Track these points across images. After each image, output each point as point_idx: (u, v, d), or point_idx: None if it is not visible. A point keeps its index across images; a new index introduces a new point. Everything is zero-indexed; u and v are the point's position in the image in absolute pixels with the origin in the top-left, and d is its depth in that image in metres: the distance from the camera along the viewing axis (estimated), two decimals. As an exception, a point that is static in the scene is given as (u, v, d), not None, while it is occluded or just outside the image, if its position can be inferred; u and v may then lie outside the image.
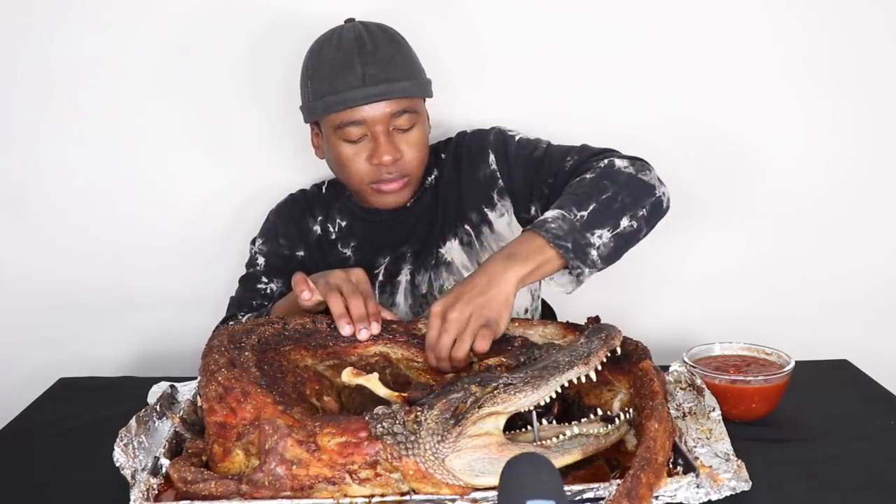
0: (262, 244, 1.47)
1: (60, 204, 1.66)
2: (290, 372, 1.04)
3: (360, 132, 1.30)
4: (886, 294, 1.73)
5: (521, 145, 1.39)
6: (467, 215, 1.41)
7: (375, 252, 1.44)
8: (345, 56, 1.29)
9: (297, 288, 1.13)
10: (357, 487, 0.88)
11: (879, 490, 0.94)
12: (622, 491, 0.84)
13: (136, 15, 1.59)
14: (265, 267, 1.45)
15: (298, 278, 1.14)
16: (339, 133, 1.31)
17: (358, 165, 1.32)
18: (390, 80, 1.29)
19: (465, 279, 1.10)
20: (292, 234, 1.47)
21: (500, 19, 1.61)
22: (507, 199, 1.40)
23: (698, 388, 1.08)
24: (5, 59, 1.60)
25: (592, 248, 1.13)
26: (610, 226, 1.15)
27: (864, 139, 1.68)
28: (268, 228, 1.49)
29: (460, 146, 1.45)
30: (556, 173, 1.32)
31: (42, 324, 1.71)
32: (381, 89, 1.28)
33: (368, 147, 1.31)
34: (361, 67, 1.28)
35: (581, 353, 0.95)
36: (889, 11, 1.62)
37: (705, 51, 1.63)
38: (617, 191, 1.18)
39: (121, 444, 0.96)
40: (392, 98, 1.29)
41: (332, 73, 1.30)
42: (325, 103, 1.30)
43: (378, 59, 1.29)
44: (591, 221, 1.14)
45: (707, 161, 1.68)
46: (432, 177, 1.45)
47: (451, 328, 1.06)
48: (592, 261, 1.13)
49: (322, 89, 1.31)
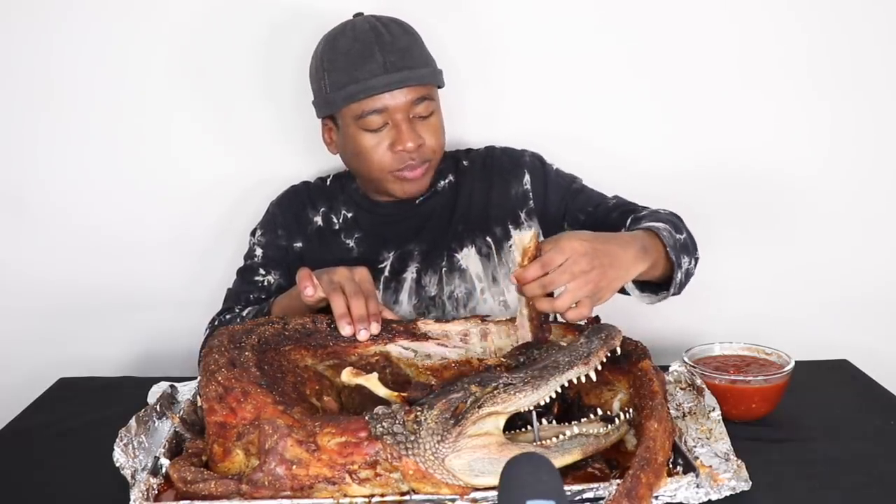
0: (260, 235, 1.48)
1: (60, 204, 1.66)
2: (290, 372, 1.04)
3: (382, 121, 1.31)
4: (886, 294, 1.73)
5: (559, 173, 1.46)
6: (491, 228, 1.43)
7: (380, 245, 1.44)
8: (363, 46, 1.30)
9: (301, 283, 1.14)
10: (357, 487, 0.88)
11: (879, 490, 0.94)
12: (622, 491, 0.84)
13: (136, 15, 1.59)
14: (263, 258, 1.46)
15: (303, 273, 1.15)
16: (359, 123, 1.31)
17: (380, 155, 1.32)
18: (410, 67, 1.31)
19: (602, 238, 1.09)
20: (291, 226, 1.47)
21: (506, 16, 1.61)
22: (534, 220, 1.43)
23: (698, 388, 1.08)
24: (5, 59, 1.60)
25: (680, 270, 1.20)
26: (687, 261, 1.23)
27: (863, 140, 1.68)
28: (267, 220, 1.50)
29: (491, 159, 1.47)
30: (597, 204, 1.40)
31: (42, 324, 1.71)
32: (403, 76, 1.29)
33: (390, 135, 1.32)
34: (382, 56, 1.29)
35: (581, 353, 0.95)
36: (889, 11, 1.62)
37: (704, 51, 1.63)
38: (687, 235, 1.25)
39: (121, 444, 0.96)
40: (413, 85, 1.30)
41: (351, 63, 1.30)
42: (345, 93, 1.30)
43: (396, 48, 1.31)
44: (683, 248, 1.22)
45: (707, 162, 1.68)
46: (446, 181, 1.46)
47: (572, 272, 1.02)
48: (678, 283, 1.20)
49: (341, 80, 1.31)
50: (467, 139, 1.60)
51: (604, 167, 1.57)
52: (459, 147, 1.55)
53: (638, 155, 1.66)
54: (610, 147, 1.65)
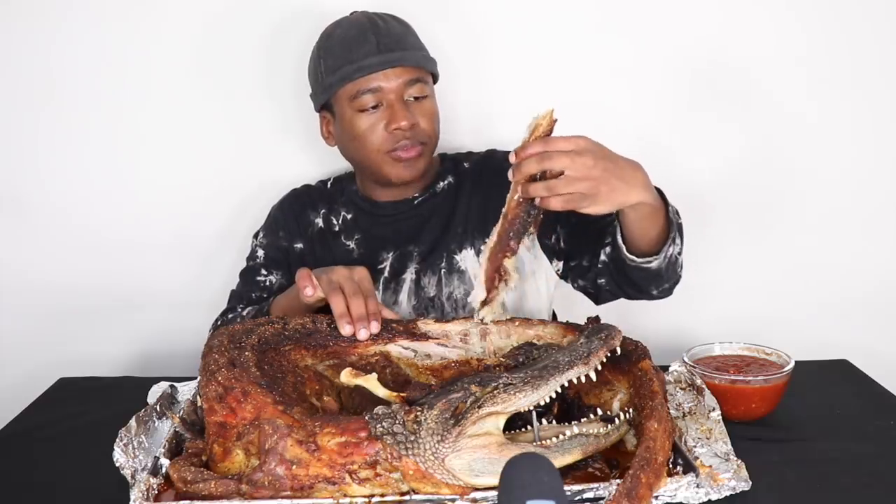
0: (262, 237, 1.50)
1: (60, 204, 1.66)
2: (290, 372, 1.04)
3: (375, 100, 1.33)
4: (886, 294, 1.73)
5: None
6: (490, 230, 1.42)
7: (379, 246, 1.44)
8: (358, 31, 1.34)
9: (301, 283, 1.14)
10: (357, 487, 0.88)
11: (879, 490, 0.94)
12: (622, 491, 0.84)
13: (135, 14, 1.59)
14: (265, 259, 1.47)
15: (303, 273, 1.15)
16: (354, 104, 1.34)
17: (375, 135, 1.34)
18: (404, 48, 1.34)
19: (615, 153, 1.06)
20: (292, 227, 1.48)
21: (501, 15, 1.62)
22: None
23: (698, 388, 1.07)
24: (5, 59, 1.60)
25: (673, 245, 1.19)
26: (679, 250, 1.22)
27: (863, 140, 1.68)
28: (269, 223, 1.51)
29: (491, 161, 1.48)
30: None
31: (42, 324, 1.71)
32: (397, 56, 1.33)
33: (385, 115, 1.34)
34: (375, 38, 1.33)
35: (581, 353, 0.95)
36: (889, 11, 1.62)
37: (703, 51, 1.63)
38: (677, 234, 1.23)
39: (121, 444, 0.96)
40: (407, 65, 1.33)
41: (346, 47, 1.34)
42: (340, 74, 1.33)
43: (390, 32, 1.35)
44: (679, 232, 1.21)
45: (707, 162, 1.68)
46: (445, 182, 1.47)
47: (573, 159, 1.00)
48: (666, 255, 1.18)
49: (336, 63, 1.34)
50: (461, 139, 1.61)
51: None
52: (460, 150, 1.55)
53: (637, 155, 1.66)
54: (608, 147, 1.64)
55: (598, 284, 1.35)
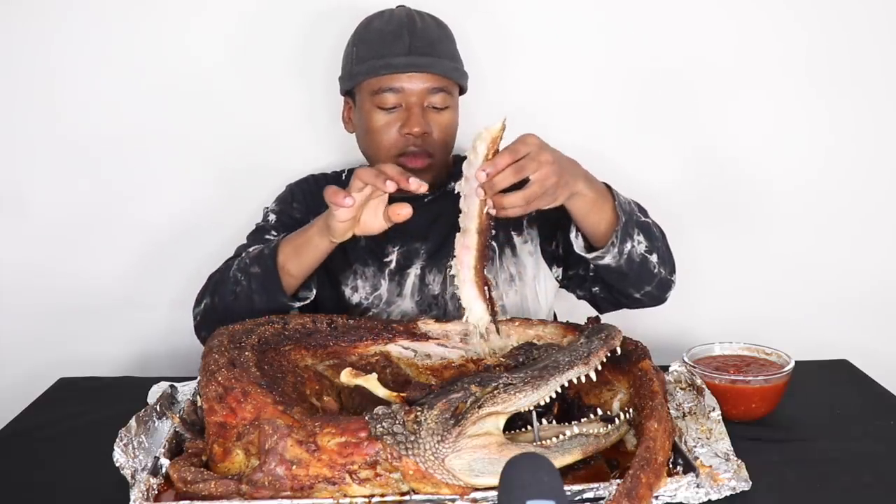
0: (275, 206, 1.49)
1: (60, 204, 1.66)
2: (290, 372, 1.04)
3: (396, 101, 1.34)
4: (886, 294, 1.73)
5: None
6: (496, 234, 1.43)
7: (386, 240, 1.44)
8: (395, 27, 1.35)
9: (336, 198, 1.07)
10: (357, 487, 0.88)
11: (880, 490, 0.94)
12: (622, 491, 0.84)
13: (135, 14, 1.59)
14: (276, 223, 1.45)
15: (331, 189, 1.09)
16: (374, 99, 1.34)
17: (387, 135, 1.35)
18: (435, 55, 1.34)
19: (549, 144, 1.05)
20: (308, 203, 1.47)
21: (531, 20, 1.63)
22: (535, 228, 1.43)
23: (698, 388, 1.07)
24: (5, 59, 1.60)
25: (630, 241, 1.17)
26: (647, 248, 1.20)
27: (862, 140, 1.68)
28: (284, 195, 1.51)
29: None
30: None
31: (42, 324, 1.71)
32: (426, 61, 1.33)
33: (401, 117, 1.34)
34: (409, 38, 1.33)
35: (581, 353, 0.95)
36: (889, 11, 1.62)
37: (703, 50, 1.63)
38: (659, 241, 1.23)
39: (121, 444, 0.96)
40: (434, 72, 1.33)
41: (379, 40, 1.34)
42: (367, 66, 1.34)
43: (425, 36, 1.35)
44: (642, 229, 1.19)
45: (707, 162, 1.68)
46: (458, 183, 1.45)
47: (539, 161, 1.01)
48: (620, 251, 1.16)
49: (367, 54, 1.35)
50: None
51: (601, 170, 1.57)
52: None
53: (637, 156, 1.66)
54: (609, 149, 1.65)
55: (593, 293, 1.35)
